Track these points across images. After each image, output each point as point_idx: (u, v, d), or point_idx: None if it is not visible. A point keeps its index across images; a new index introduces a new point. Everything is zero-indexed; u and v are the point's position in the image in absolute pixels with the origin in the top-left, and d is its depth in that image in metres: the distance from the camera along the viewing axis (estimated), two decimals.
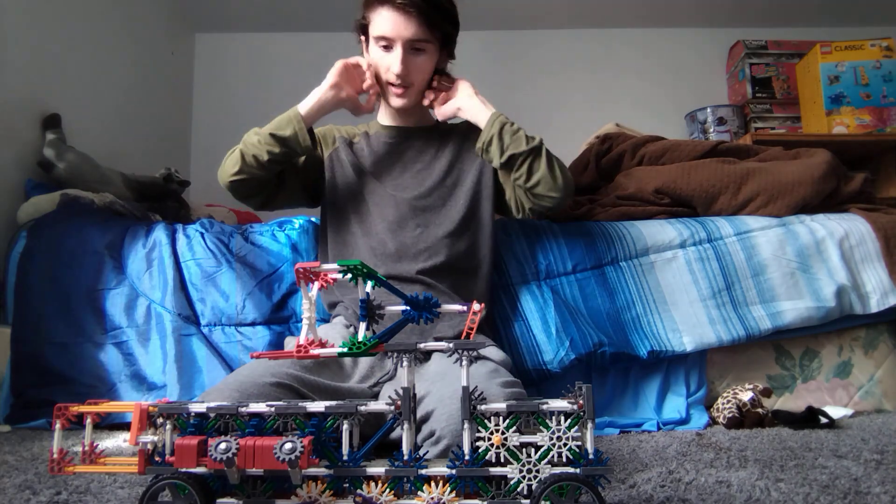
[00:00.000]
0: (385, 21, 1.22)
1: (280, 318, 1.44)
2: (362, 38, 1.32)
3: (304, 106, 1.28)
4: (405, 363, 0.68)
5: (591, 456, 0.64)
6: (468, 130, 1.39)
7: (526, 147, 1.23)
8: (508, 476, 0.65)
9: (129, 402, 0.70)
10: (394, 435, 0.69)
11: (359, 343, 0.67)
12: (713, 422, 1.38)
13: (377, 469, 0.66)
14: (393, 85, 1.28)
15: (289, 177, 1.35)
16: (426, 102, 1.33)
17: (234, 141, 1.29)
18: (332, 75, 1.29)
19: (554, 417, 0.65)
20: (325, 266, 0.67)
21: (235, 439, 0.63)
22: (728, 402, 1.34)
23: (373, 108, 1.37)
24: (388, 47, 1.25)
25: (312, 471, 0.66)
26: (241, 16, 2.95)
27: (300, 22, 2.92)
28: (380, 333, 0.68)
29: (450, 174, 1.35)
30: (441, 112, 1.33)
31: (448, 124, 1.42)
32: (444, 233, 1.28)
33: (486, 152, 1.29)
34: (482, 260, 1.36)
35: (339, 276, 0.67)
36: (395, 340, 0.69)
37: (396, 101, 1.31)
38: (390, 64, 1.25)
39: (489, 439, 0.65)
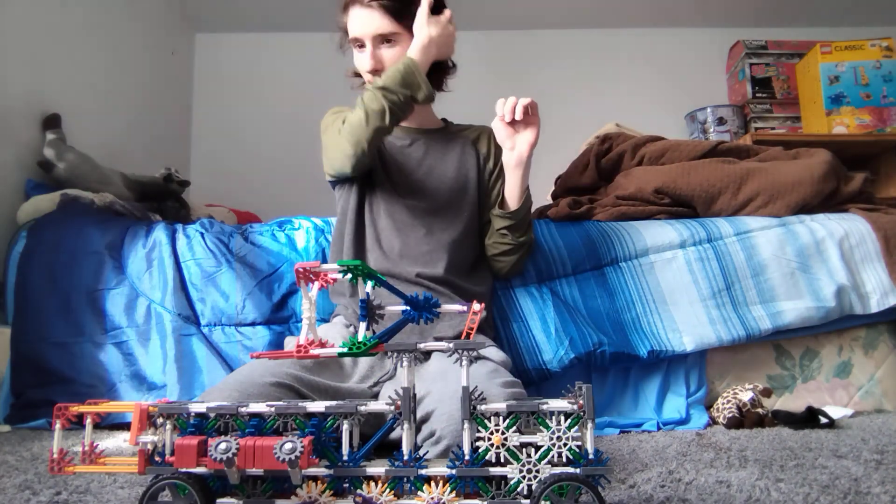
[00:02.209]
0: (353, 21, 1.23)
1: (280, 318, 1.44)
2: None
3: (422, 53, 1.16)
4: (405, 363, 0.67)
5: (591, 456, 0.64)
6: (477, 136, 1.38)
7: (527, 238, 1.33)
8: (508, 476, 0.65)
9: (129, 402, 0.70)
10: (394, 435, 0.69)
11: (359, 343, 0.67)
12: (713, 422, 1.38)
13: (377, 469, 0.66)
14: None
15: None
16: (508, 119, 1.20)
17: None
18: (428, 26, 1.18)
19: (554, 417, 0.65)
20: (325, 266, 0.67)
21: (235, 439, 0.63)
22: (728, 402, 1.34)
23: None
24: (361, 46, 1.25)
25: (312, 471, 0.66)
26: (241, 16, 2.95)
27: (300, 22, 2.92)
28: (380, 333, 0.68)
29: (456, 179, 1.33)
30: (513, 143, 1.24)
31: (455, 126, 1.42)
32: (448, 238, 1.28)
33: (501, 218, 1.29)
34: (482, 263, 1.36)
35: (339, 276, 0.67)
36: (395, 340, 0.69)
37: None
38: (363, 62, 1.25)
39: (489, 439, 0.65)
